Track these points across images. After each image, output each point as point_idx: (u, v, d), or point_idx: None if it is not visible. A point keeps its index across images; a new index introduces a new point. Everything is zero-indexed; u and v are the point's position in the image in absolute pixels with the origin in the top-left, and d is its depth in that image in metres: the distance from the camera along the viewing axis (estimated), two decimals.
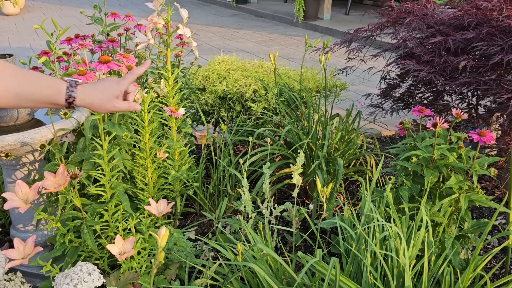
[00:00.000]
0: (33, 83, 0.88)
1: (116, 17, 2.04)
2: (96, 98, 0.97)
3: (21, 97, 0.86)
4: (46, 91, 0.90)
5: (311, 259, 1.19)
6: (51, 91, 0.90)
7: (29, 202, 1.19)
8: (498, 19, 1.77)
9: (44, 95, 0.89)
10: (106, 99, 0.98)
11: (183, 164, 1.78)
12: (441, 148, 1.45)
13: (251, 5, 9.36)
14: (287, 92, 2.14)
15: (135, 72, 1.05)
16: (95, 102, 0.97)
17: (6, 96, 0.84)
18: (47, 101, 0.90)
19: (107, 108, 0.99)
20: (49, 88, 0.90)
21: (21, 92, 0.86)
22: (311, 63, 5.01)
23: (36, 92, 0.88)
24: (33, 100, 0.88)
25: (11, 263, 1.14)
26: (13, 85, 0.85)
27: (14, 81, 0.85)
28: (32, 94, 0.87)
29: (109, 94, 0.99)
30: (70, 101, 0.92)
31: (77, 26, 6.90)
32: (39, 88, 0.88)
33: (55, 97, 0.91)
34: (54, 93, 0.91)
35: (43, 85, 0.89)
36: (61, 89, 0.91)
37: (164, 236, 0.99)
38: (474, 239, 1.50)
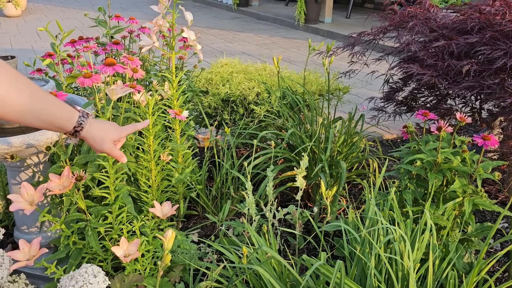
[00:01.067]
0: (51, 103, 0.88)
1: (120, 19, 2.05)
2: (100, 135, 1.00)
3: (33, 112, 0.85)
4: (60, 113, 0.90)
5: (315, 262, 1.19)
6: (65, 115, 0.91)
7: (34, 204, 1.19)
8: (501, 23, 1.77)
9: (57, 117, 0.89)
10: (107, 140, 1.02)
11: (186, 166, 1.78)
12: (445, 151, 1.45)
13: (252, 8, 9.38)
14: (290, 95, 2.15)
15: (137, 127, 1.10)
16: (97, 138, 1.00)
17: (19, 110, 0.82)
18: (56, 124, 0.90)
19: (104, 147, 1.02)
20: (64, 111, 0.91)
21: (37, 107, 0.85)
22: (312, 66, 5.02)
23: (51, 112, 0.88)
24: (42, 119, 0.87)
25: (17, 265, 1.15)
26: (30, 100, 0.84)
27: (34, 96, 0.84)
28: (46, 113, 0.87)
29: (110, 136, 1.02)
30: (78, 129, 0.94)
31: (78, 28, 6.92)
32: (54, 109, 0.89)
33: (65, 122, 0.92)
34: (66, 118, 0.92)
35: (59, 107, 0.90)
36: (74, 116, 0.93)
37: (171, 239, 0.99)
38: (477, 243, 1.50)
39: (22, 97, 0.81)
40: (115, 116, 1.58)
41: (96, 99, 1.42)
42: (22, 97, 0.81)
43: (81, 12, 8.76)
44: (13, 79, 0.79)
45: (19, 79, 0.81)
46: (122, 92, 1.36)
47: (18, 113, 0.82)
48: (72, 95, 1.62)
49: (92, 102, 1.45)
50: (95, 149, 1.02)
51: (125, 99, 1.61)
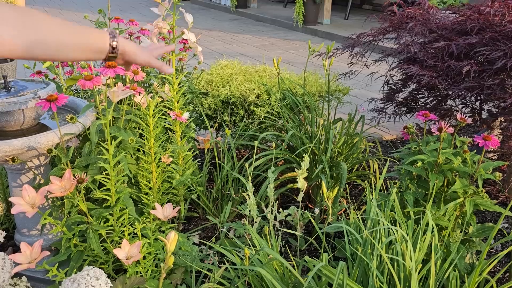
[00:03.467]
0: (81, 29, 0.90)
1: (119, 22, 2.04)
2: (134, 46, 1.02)
3: (71, 46, 0.87)
4: (95, 36, 0.92)
5: (317, 263, 1.19)
6: (99, 37, 0.93)
7: (36, 207, 1.19)
8: (501, 24, 1.78)
9: (94, 40, 0.92)
10: (144, 50, 1.04)
11: (187, 168, 1.78)
12: (446, 152, 1.45)
13: (251, 9, 9.39)
14: (290, 96, 2.15)
15: (166, 48, 1.14)
16: (133, 49, 1.01)
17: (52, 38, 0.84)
18: (92, 47, 0.92)
19: (143, 58, 1.04)
20: (96, 33, 0.93)
21: (73, 35, 0.87)
22: (312, 67, 5.03)
23: (85, 37, 0.90)
24: (79, 47, 0.89)
25: (18, 267, 1.14)
26: (64, 31, 0.86)
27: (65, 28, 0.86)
28: (81, 39, 0.89)
29: (145, 49, 1.06)
30: (114, 45, 0.96)
31: None
32: (87, 32, 0.91)
33: (100, 45, 0.94)
34: (100, 40, 0.94)
35: (91, 32, 0.92)
36: (105, 36, 0.95)
37: (173, 241, 0.99)
38: (479, 244, 1.50)
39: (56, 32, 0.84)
40: (115, 119, 1.58)
41: (97, 101, 1.42)
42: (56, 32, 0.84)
43: (79, 14, 8.76)
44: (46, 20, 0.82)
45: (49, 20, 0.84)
46: (123, 94, 1.36)
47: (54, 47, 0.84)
48: (73, 97, 1.62)
49: (93, 105, 1.45)
50: (136, 61, 1.04)
51: (126, 101, 1.61)
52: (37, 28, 0.81)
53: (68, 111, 1.59)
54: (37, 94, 1.38)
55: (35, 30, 0.80)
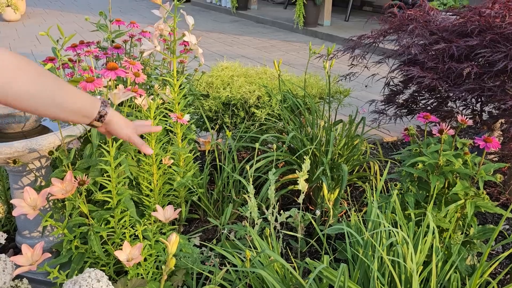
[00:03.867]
0: (74, 91, 0.90)
1: (120, 24, 2.05)
2: (121, 120, 1.03)
3: (57, 102, 0.86)
4: (85, 101, 0.92)
5: (318, 265, 1.19)
6: (89, 102, 0.94)
7: (37, 209, 1.19)
8: (501, 26, 1.78)
9: (82, 104, 0.92)
10: (130, 124, 1.06)
11: (188, 170, 1.78)
12: (447, 154, 1.45)
13: (251, 11, 9.40)
14: (291, 98, 2.15)
15: (151, 129, 1.13)
16: (120, 122, 1.03)
17: (43, 99, 0.83)
18: (81, 111, 0.92)
19: (126, 132, 1.04)
20: (88, 98, 0.94)
21: (61, 97, 0.86)
22: (312, 69, 5.03)
23: (75, 101, 0.90)
24: (67, 109, 0.88)
25: (19, 270, 1.14)
26: (54, 88, 0.85)
27: (54, 85, 0.85)
28: (70, 102, 0.89)
29: (130, 124, 1.07)
30: (102, 114, 0.97)
31: (78, 32, 6.93)
32: (79, 96, 0.91)
33: (89, 109, 0.94)
34: (90, 105, 0.94)
35: (83, 95, 0.92)
36: (96, 103, 0.96)
37: (175, 243, 0.99)
38: (479, 245, 1.50)
39: (46, 90, 0.83)
40: None
41: None
42: (46, 90, 0.83)
43: (80, 16, 8.77)
44: (38, 73, 0.81)
45: (44, 73, 0.83)
46: (124, 96, 1.37)
47: (40, 105, 0.83)
48: None
49: None
50: (118, 134, 1.04)
51: (127, 103, 1.62)
52: (32, 81, 0.80)
53: None
54: None
55: (31, 82, 0.80)
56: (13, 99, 0.78)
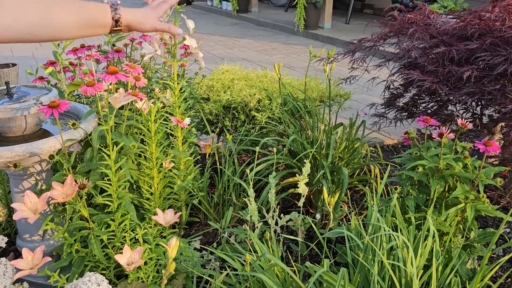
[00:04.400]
0: (82, 4, 0.88)
1: None
2: (138, 16, 0.99)
3: (77, 18, 0.85)
4: (95, 9, 0.90)
5: (318, 269, 1.19)
6: (100, 10, 0.91)
7: (38, 213, 1.19)
8: (501, 30, 1.78)
9: (94, 14, 0.89)
10: (148, 16, 1.00)
11: (188, 173, 1.78)
12: (447, 158, 1.45)
13: (252, 14, 9.42)
14: (291, 101, 2.15)
15: (170, 2, 1.07)
16: (138, 20, 0.98)
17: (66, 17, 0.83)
18: (96, 23, 0.90)
19: (150, 23, 1.00)
20: (98, 7, 0.91)
21: (76, 13, 0.86)
22: (313, 72, 5.04)
23: (88, 13, 0.88)
24: (83, 25, 0.87)
25: (20, 273, 1.15)
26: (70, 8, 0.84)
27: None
28: (84, 15, 0.87)
29: (149, 13, 1.01)
30: (116, 18, 0.93)
31: None
32: (88, 7, 0.89)
33: (103, 18, 0.91)
34: (102, 12, 0.91)
35: (91, 4, 0.90)
36: (107, 8, 0.92)
37: (175, 247, 0.99)
38: (480, 249, 1.50)
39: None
40: (117, 124, 1.58)
41: (99, 107, 1.43)
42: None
43: None
44: None
45: None
46: (125, 100, 1.37)
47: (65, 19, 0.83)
48: (75, 103, 1.63)
49: (94, 110, 1.46)
50: (142, 30, 1.01)
51: (127, 106, 1.62)
52: (40, 11, 0.80)
53: (70, 117, 1.60)
54: (39, 100, 1.39)
55: (38, 13, 0.79)
56: (25, 33, 0.78)
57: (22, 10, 0.78)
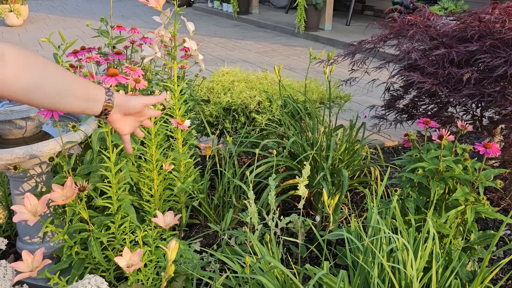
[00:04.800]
0: (79, 80, 0.88)
1: (121, 29, 2.06)
2: (121, 120, 0.99)
3: (63, 91, 0.84)
4: (91, 88, 0.90)
5: (318, 271, 1.19)
6: (95, 90, 0.91)
7: (37, 215, 1.19)
8: (501, 31, 1.78)
9: (91, 90, 0.89)
10: (129, 125, 1.01)
11: (188, 175, 1.78)
12: (447, 160, 1.45)
13: (253, 15, 9.43)
14: (291, 103, 2.16)
15: (157, 99, 1.08)
16: (125, 99, 0.98)
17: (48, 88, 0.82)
18: (92, 97, 0.90)
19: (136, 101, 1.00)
20: (94, 87, 0.91)
21: (75, 83, 0.86)
22: (313, 73, 5.04)
23: (81, 89, 0.88)
24: (80, 96, 0.87)
25: (20, 276, 1.15)
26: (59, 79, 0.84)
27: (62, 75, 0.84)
28: (76, 91, 0.87)
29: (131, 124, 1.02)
30: (109, 95, 0.93)
31: (80, 37, 6.95)
32: (85, 85, 0.89)
33: (98, 94, 0.91)
34: (97, 91, 0.91)
35: (88, 83, 0.90)
36: (101, 91, 0.92)
37: (174, 249, 0.99)
38: (480, 251, 1.49)
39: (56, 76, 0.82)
40: None
41: None
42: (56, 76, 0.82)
43: (82, 21, 8.81)
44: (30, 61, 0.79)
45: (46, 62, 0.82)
46: None
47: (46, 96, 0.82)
48: None
49: None
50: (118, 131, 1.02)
51: None
52: (39, 72, 0.80)
53: (70, 119, 1.60)
54: None
55: (38, 74, 0.80)
56: (21, 93, 0.78)
57: (22, 66, 0.78)
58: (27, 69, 0.78)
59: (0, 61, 0.74)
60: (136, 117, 1.03)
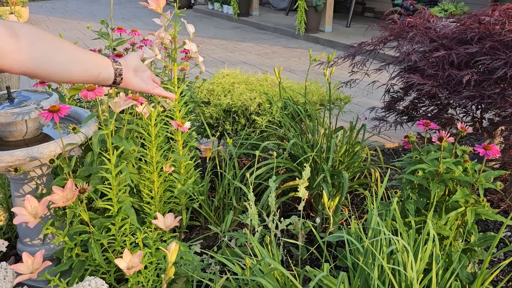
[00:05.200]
0: (86, 50, 0.94)
1: (122, 31, 2.06)
2: (135, 81, 1.06)
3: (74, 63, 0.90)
4: (98, 56, 0.96)
5: (318, 273, 1.19)
6: (101, 58, 0.97)
7: (38, 217, 1.19)
8: (501, 33, 1.79)
9: (97, 58, 0.96)
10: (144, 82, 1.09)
11: (188, 177, 1.78)
12: (447, 161, 1.45)
13: (253, 17, 9.44)
14: (292, 105, 2.16)
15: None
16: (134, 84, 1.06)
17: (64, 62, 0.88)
18: (99, 63, 0.96)
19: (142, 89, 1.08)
20: (99, 55, 0.97)
21: (84, 54, 0.92)
22: (313, 75, 5.04)
23: (91, 56, 0.94)
24: (86, 63, 0.92)
25: (20, 278, 1.15)
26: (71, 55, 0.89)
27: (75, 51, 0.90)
28: (87, 58, 0.93)
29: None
30: (117, 81, 1.01)
31: (81, 39, 6.96)
32: (92, 53, 0.95)
33: (106, 65, 0.98)
34: (103, 58, 0.98)
35: (93, 53, 0.96)
36: (105, 59, 0.98)
37: (174, 251, 0.99)
38: (480, 253, 1.49)
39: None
40: (117, 128, 1.59)
41: (99, 111, 1.43)
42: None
43: (83, 23, 8.82)
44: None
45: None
46: (125, 104, 1.37)
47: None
48: (76, 107, 1.63)
49: (95, 115, 1.46)
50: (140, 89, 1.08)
51: (128, 110, 1.62)
52: (50, 44, 0.85)
53: (71, 121, 1.60)
54: (40, 104, 1.39)
55: (49, 45, 0.84)
56: (37, 64, 0.82)
57: (33, 37, 0.82)
58: (39, 42, 0.83)
59: (14, 36, 0.78)
60: (142, 71, 1.10)
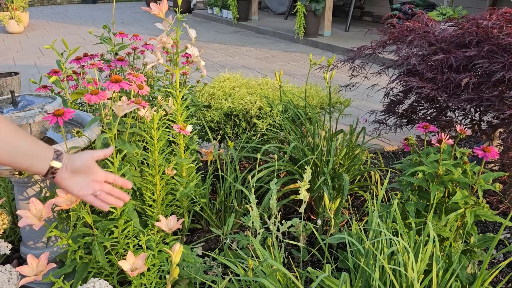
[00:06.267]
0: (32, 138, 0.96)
1: (123, 36, 2.08)
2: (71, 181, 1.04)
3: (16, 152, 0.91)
4: (42, 145, 0.97)
5: (320, 274, 1.20)
6: (45, 147, 0.97)
7: (42, 219, 1.21)
8: (499, 37, 1.81)
9: (39, 148, 0.96)
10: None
11: (190, 180, 1.80)
12: (446, 163, 1.47)
13: (252, 22, 9.48)
14: (292, 108, 2.18)
15: (105, 153, 1.12)
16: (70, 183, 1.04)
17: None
18: (40, 155, 0.97)
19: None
20: (45, 148, 0.97)
21: (25, 139, 0.93)
22: (313, 79, 5.07)
23: (35, 144, 0.95)
24: (27, 152, 0.94)
25: (25, 280, 1.16)
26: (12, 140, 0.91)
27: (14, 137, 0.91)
28: (32, 144, 0.95)
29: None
30: (58, 153, 0.99)
31: (81, 44, 6.99)
32: (37, 141, 0.96)
33: (47, 153, 0.98)
34: (47, 149, 0.98)
35: (39, 144, 0.97)
36: (50, 150, 0.98)
37: (178, 252, 1.01)
38: (480, 254, 1.51)
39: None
40: (120, 132, 1.60)
41: (102, 115, 1.45)
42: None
43: (83, 28, 8.85)
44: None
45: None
46: (128, 108, 1.39)
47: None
48: (79, 111, 1.65)
49: (98, 118, 1.48)
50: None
51: (131, 114, 1.64)
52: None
53: (74, 125, 1.62)
54: (44, 108, 1.41)
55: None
56: None
57: None
58: None
59: None
60: (87, 174, 1.06)
